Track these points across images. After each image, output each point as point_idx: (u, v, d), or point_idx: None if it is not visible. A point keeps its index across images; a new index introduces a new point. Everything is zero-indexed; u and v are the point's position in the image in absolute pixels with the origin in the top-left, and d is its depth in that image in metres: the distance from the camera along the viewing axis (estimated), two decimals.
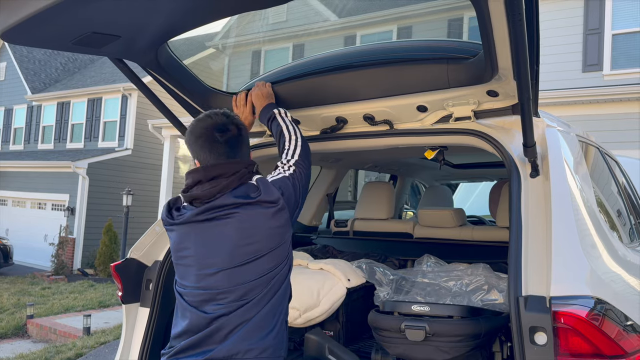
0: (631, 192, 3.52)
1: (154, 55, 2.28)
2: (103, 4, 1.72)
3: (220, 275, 1.76)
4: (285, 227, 1.81)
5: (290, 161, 2.01)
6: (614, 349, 1.55)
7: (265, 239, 1.76)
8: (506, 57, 1.74)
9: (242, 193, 1.79)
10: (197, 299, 1.80)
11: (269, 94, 2.37)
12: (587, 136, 2.79)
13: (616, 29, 9.68)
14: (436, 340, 2.06)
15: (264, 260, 1.76)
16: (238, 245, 1.75)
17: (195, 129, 1.88)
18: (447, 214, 3.56)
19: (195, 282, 1.80)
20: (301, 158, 2.04)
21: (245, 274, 1.75)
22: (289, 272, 1.88)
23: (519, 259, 1.72)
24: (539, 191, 1.91)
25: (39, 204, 17.16)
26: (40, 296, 10.96)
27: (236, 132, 1.87)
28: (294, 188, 1.89)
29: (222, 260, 1.76)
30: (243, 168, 1.83)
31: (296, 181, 1.93)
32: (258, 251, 1.75)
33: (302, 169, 1.99)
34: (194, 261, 1.81)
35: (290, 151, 2.06)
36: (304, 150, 2.08)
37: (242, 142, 1.90)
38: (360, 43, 10.58)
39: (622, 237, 2.45)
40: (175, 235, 1.87)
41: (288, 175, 1.93)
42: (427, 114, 2.27)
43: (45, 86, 19.70)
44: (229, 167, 1.82)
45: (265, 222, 1.76)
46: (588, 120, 8.45)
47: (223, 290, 1.75)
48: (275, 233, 1.78)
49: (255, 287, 1.75)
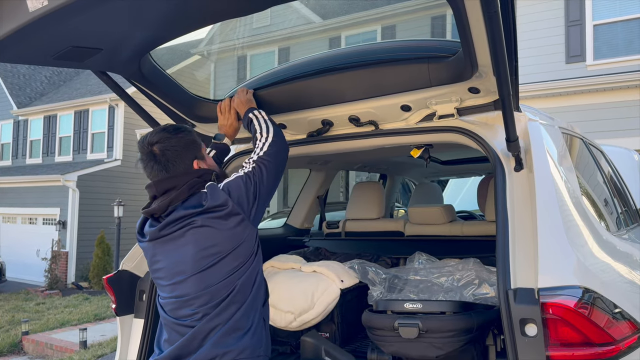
0: (617, 181, 3.56)
1: (137, 67, 2.29)
2: (81, 18, 1.72)
3: (189, 282, 1.83)
4: (241, 226, 1.85)
5: (253, 158, 2.02)
6: (603, 337, 1.58)
7: (223, 240, 1.83)
8: (485, 54, 1.76)
9: (193, 203, 1.85)
10: (171, 307, 1.89)
11: (249, 100, 2.39)
12: (571, 128, 2.83)
13: (597, 19, 9.78)
14: (429, 336, 2.07)
15: (227, 261, 1.83)
16: (199, 249, 1.82)
17: (138, 148, 1.95)
18: (437, 210, 3.58)
19: (169, 292, 1.90)
20: (267, 154, 2.03)
21: (211, 276, 1.82)
22: (258, 270, 1.93)
23: (506, 253, 1.74)
24: (524, 184, 1.93)
25: (30, 219, 17.02)
26: (35, 312, 10.87)
27: (173, 144, 1.90)
28: (246, 186, 1.90)
29: (189, 267, 1.83)
30: (194, 178, 1.89)
31: (252, 178, 1.93)
32: (219, 252, 1.82)
33: (265, 166, 1.99)
34: (165, 273, 1.90)
35: (258, 149, 2.07)
36: (272, 147, 2.07)
37: (181, 153, 1.92)
38: (345, 44, 10.61)
39: (609, 226, 2.48)
40: (147, 251, 1.98)
41: (243, 174, 1.95)
42: (411, 113, 2.29)
43: (31, 100, 19.55)
44: (177, 180, 1.88)
45: (218, 225, 1.82)
46: (573, 111, 8.54)
47: (193, 295, 1.83)
48: (232, 234, 1.83)
49: (222, 288, 1.81)
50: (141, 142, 1.93)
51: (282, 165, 2.10)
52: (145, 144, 1.92)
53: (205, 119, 2.66)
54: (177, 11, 1.89)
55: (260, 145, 2.08)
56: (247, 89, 2.44)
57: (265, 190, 1.97)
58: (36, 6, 1.55)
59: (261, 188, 1.95)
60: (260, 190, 1.95)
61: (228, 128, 2.45)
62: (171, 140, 1.91)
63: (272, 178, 2.02)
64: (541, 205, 1.81)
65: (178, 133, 1.96)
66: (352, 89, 2.29)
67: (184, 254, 1.84)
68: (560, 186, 1.95)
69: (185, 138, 1.96)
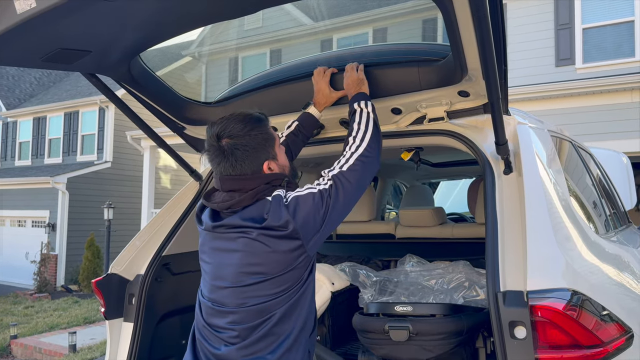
0: (606, 184, 3.59)
1: (126, 69, 2.27)
2: (69, 20, 1.70)
3: (227, 292, 1.69)
4: (296, 252, 1.64)
5: (333, 172, 1.76)
6: (591, 339, 1.59)
7: (271, 262, 1.64)
8: (474, 58, 1.77)
9: (254, 214, 1.66)
10: (207, 311, 1.76)
11: (360, 80, 2.05)
12: (560, 131, 2.85)
13: (586, 23, 9.88)
14: (420, 339, 2.08)
15: (268, 284, 1.64)
16: (244, 263, 1.66)
17: (206, 137, 1.76)
18: (428, 213, 3.60)
19: (209, 292, 1.76)
20: (350, 171, 1.75)
21: (248, 296, 1.66)
22: (306, 299, 1.71)
23: (495, 256, 1.75)
24: (513, 187, 1.94)
25: (19, 221, 16.86)
26: (23, 315, 10.76)
27: (245, 143, 1.70)
28: (315, 207, 1.65)
29: (229, 276, 1.69)
30: (262, 184, 1.70)
31: (324, 200, 1.67)
32: (263, 274, 1.64)
33: (343, 186, 1.71)
34: (209, 269, 1.77)
35: (343, 159, 1.80)
36: (359, 163, 1.77)
37: (252, 153, 1.71)
38: (336, 46, 10.61)
39: (598, 228, 2.50)
40: (200, 236, 1.84)
41: (316, 191, 1.69)
42: (401, 116, 2.30)
43: (20, 102, 19.39)
44: (244, 182, 1.70)
45: (272, 244, 1.63)
46: (563, 114, 8.60)
47: (228, 310, 1.69)
48: (283, 258, 1.64)
49: (256, 312, 1.65)
50: (209, 131, 1.73)
51: (364, 188, 1.81)
52: (214, 135, 1.71)
53: (196, 122, 2.65)
54: (167, 13, 1.88)
55: (347, 156, 1.80)
56: (358, 64, 2.11)
57: (336, 216, 1.70)
58: (24, 8, 1.54)
59: (332, 213, 1.68)
60: (331, 216, 1.68)
61: (316, 94, 2.19)
62: (243, 137, 1.70)
63: (347, 204, 1.74)
64: (530, 208, 1.82)
65: (252, 129, 1.72)
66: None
67: (229, 260, 1.69)
68: (549, 189, 1.96)
69: (259, 136, 1.73)
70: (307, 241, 1.65)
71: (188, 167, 2.80)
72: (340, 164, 1.78)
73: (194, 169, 2.84)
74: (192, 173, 2.83)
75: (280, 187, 1.73)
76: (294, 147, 2.19)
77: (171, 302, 2.69)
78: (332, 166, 1.80)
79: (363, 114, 1.93)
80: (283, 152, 1.88)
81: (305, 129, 2.21)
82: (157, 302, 2.59)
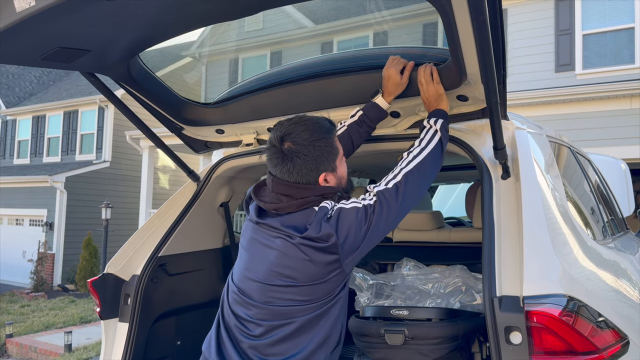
0: (604, 190, 3.59)
1: (125, 69, 2.27)
2: (69, 19, 1.70)
3: (256, 286, 1.69)
4: (331, 266, 1.61)
5: (379, 187, 1.69)
6: (587, 346, 1.59)
7: (304, 270, 1.62)
8: (474, 62, 1.77)
9: (297, 222, 1.65)
10: (234, 297, 1.76)
11: (438, 95, 1.93)
12: (558, 137, 2.85)
13: (586, 29, 9.91)
14: (415, 343, 2.07)
15: (295, 290, 1.63)
16: (278, 264, 1.65)
17: (271, 135, 1.72)
18: (425, 216, 3.59)
19: (239, 278, 1.77)
20: (396, 189, 1.68)
21: (274, 296, 1.65)
22: (333, 315, 1.68)
23: (492, 260, 1.74)
24: (511, 192, 1.94)
25: (17, 220, 16.84)
26: (19, 314, 10.74)
27: (306, 153, 1.66)
28: (359, 224, 1.60)
29: (261, 272, 1.69)
30: (313, 196, 1.66)
31: (368, 217, 1.62)
32: (292, 279, 1.63)
33: (388, 205, 1.65)
34: (245, 256, 1.78)
35: (390, 176, 1.73)
36: (409, 182, 1.70)
37: (312, 165, 1.67)
38: (337, 49, 10.61)
39: (595, 235, 2.50)
40: (245, 222, 1.86)
41: (361, 206, 1.64)
42: (400, 119, 2.30)
43: (19, 100, 19.38)
44: (296, 190, 1.67)
45: (309, 254, 1.61)
46: (562, 120, 8.62)
47: (253, 303, 1.69)
48: (316, 269, 1.61)
49: (278, 314, 1.64)
50: (275, 131, 1.69)
51: (409, 207, 1.73)
52: (278, 136, 1.67)
53: (194, 122, 2.64)
54: (167, 13, 1.88)
55: (395, 172, 1.74)
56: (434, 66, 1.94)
57: (377, 234, 1.65)
58: (23, 6, 1.54)
59: (374, 231, 1.63)
60: (372, 234, 1.63)
61: (385, 81, 2.02)
62: (307, 147, 1.65)
63: (390, 223, 1.67)
64: (527, 213, 1.82)
65: (318, 140, 1.67)
66: (342, 94, 2.29)
67: (265, 257, 1.68)
68: (547, 194, 1.96)
69: (322, 148, 1.68)
70: (344, 257, 1.61)
71: (186, 167, 2.80)
72: (387, 180, 1.72)
73: (192, 170, 2.84)
74: (189, 174, 2.83)
75: (332, 199, 1.70)
76: (356, 138, 2.09)
77: (167, 302, 2.68)
78: (379, 181, 1.75)
79: (429, 132, 1.86)
80: (344, 163, 1.82)
81: (370, 119, 2.08)
82: (152, 302, 2.58)
